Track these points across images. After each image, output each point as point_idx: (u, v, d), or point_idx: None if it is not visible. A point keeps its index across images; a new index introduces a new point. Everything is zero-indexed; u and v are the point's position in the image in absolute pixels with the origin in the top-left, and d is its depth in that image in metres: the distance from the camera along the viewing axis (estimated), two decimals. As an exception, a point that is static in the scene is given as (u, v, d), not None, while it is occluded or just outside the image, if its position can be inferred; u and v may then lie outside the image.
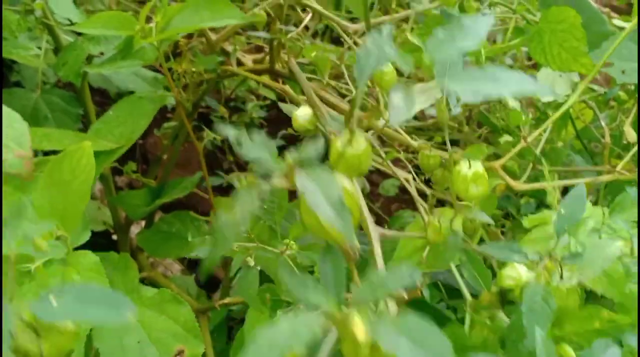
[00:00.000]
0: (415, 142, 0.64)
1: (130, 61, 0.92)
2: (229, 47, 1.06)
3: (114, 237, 1.20)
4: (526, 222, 0.62)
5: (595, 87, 1.19)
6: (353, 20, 1.51)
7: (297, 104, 0.79)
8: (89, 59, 0.96)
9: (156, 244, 0.99)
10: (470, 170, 0.52)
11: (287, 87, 0.80)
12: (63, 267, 0.58)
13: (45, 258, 0.57)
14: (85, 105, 1.05)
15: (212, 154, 1.50)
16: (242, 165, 1.51)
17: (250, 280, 0.59)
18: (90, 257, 0.59)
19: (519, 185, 0.60)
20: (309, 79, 0.84)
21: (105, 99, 1.50)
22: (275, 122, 1.55)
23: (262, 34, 0.78)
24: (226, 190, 1.48)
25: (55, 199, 0.63)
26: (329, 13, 0.75)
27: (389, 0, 1.16)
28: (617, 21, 1.18)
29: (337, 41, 1.63)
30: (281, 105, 0.87)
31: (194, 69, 0.92)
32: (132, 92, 1.13)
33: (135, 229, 1.16)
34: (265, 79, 0.86)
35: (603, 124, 0.89)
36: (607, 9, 1.48)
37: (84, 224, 0.66)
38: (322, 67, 0.85)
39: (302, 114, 0.71)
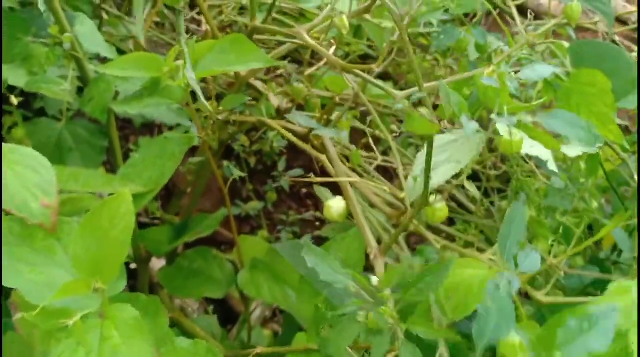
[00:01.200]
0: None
1: (157, 99, 0.92)
2: (255, 82, 1.06)
3: (132, 265, 1.20)
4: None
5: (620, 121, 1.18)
6: (372, 47, 1.51)
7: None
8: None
9: (178, 282, 0.99)
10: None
11: (324, 158, 0.80)
12: (100, 322, 0.57)
13: (82, 312, 0.57)
14: (111, 137, 1.05)
15: (231, 182, 1.49)
16: (262, 195, 1.51)
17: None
18: (129, 312, 0.58)
19: (543, 296, 0.60)
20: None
21: (126, 124, 1.51)
22: (295, 150, 1.55)
23: (300, 118, 0.77)
24: (245, 220, 1.48)
25: (92, 249, 0.62)
26: (374, 80, 0.74)
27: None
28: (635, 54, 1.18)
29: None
30: (316, 188, 0.86)
31: (221, 108, 0.92)
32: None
33: (155, 260, 1.16)
34: (302, 143, 0.86)
35: (631, 167, 0.89)
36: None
37: (121, 273, 0.65)
38: (355, 160, 0.85)
39: (335, 207, 0.71)
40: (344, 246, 0.89)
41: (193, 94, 0.91)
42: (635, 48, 1.48)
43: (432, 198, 0.67)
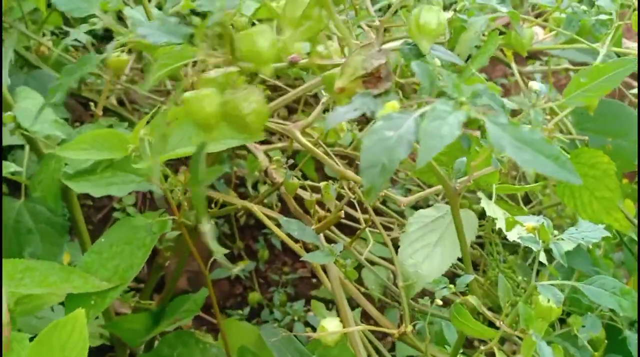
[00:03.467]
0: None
1: (122, 176, 0.82)
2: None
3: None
4: None
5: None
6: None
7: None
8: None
9: (157, 375, 0.88)
10: None
11: (320, 271, 0.71)
12: None
13: None
14: (73, 213, 0.95)
15: (218, 240, 1.39)
16: (255, 252, 1.41)
17: None
18: None
19: None
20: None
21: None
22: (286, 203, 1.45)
23: (294, 226, 0.68)
24: (237, 279, 1.38)
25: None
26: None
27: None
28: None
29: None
30: (313, 304, 0.77)
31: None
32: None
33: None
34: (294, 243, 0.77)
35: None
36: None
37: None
38: (351, 276, 0.77)
39: (331, 329, 0.61)
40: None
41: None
42: (634, 83, 1.40)
43: None
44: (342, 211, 0.73)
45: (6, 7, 1.10)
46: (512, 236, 0.69)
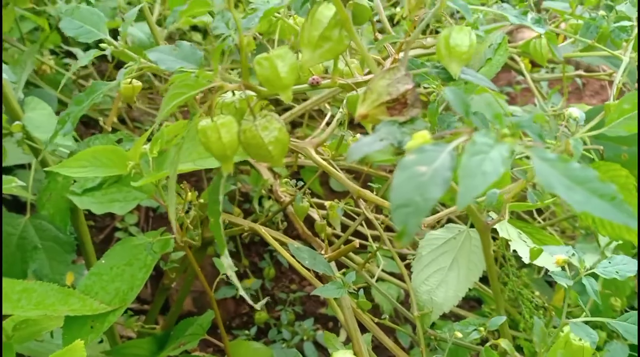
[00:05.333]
0: None
1: (126, 193, 0.79)
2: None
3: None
4: None
5: None
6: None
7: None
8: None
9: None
10: None
11: (332, 301, 0.68)
12: None
13: None
14: (80, 232, 0.92)
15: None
16: (260, 270, 1.38)
17: None
18: None
19: None
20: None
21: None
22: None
23: (305, 254, 0.65)
24: (242, 299, 1.34)
25: None
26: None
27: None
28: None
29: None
30: (325, 335, 0.74)
31: (202, 200, 0.79)
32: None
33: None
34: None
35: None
36: None
37: None
38: (363, 306, 0.74)
39: None
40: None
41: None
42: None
43: None
44: (357, 241, 0.70)
45: (6, 29, 1.08)
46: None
